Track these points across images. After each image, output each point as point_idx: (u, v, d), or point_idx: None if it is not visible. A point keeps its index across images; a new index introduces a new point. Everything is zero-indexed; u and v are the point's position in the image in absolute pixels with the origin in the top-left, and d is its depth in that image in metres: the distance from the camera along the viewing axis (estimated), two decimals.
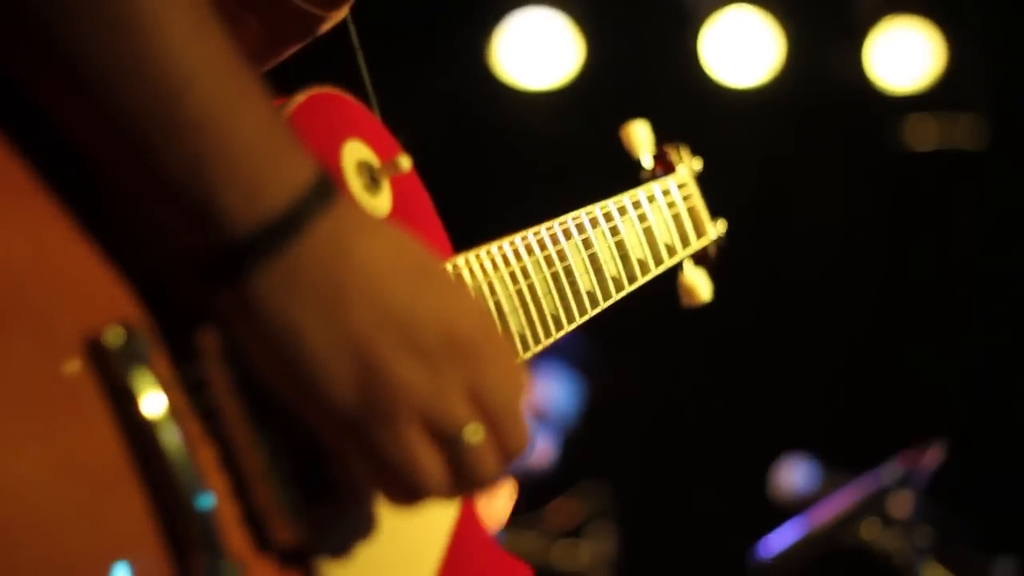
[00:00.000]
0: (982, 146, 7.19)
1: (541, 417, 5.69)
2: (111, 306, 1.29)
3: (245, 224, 1.27)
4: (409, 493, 1.34)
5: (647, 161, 2.19)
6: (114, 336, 1.26)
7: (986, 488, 6.79)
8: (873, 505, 3.60)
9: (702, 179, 2.28)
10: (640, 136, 2.19)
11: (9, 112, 1.27)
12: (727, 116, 7.12)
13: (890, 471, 3.63)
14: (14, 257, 1.23)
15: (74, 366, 1.24)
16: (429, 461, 1.33)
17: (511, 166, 7.09)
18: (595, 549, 6.96)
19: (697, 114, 7.02)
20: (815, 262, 7.24)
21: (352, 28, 1.85)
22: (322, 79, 1.63)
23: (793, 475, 4.60)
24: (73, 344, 1.24)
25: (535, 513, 6.90)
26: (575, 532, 7.03)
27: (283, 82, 1.67)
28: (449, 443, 1.33)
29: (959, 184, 7.32)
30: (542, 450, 5.78)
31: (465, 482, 1.35)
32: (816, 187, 7.36)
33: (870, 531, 3.57)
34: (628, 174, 2.20)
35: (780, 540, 3.76)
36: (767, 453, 5.14)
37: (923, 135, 7.26)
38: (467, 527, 1.62)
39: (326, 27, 1.73)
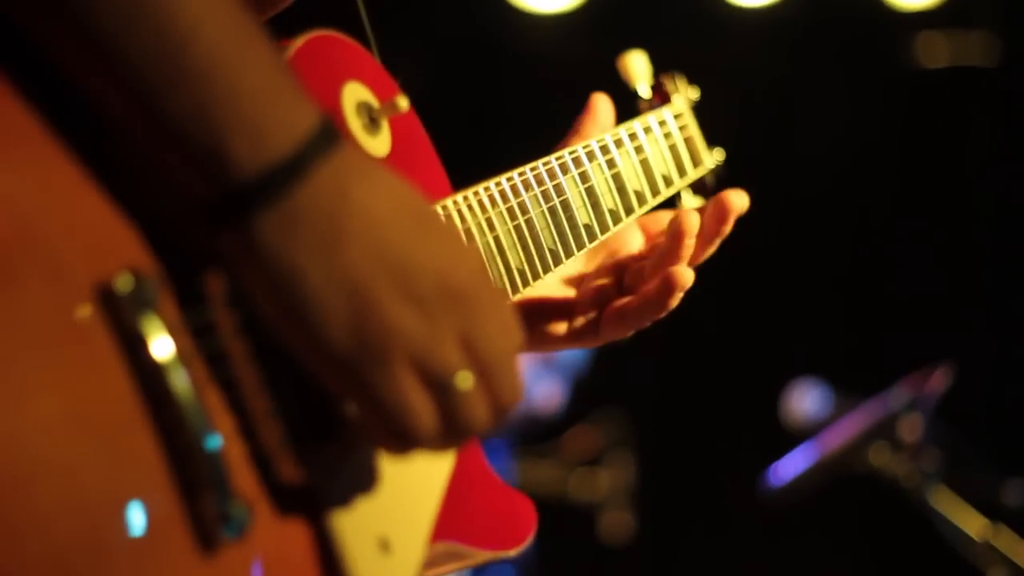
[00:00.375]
0: (994, 63, 7.16)
1: (549, 361, 5.71)
2: (121, 251, 1.32)
3: (250, 168, 1.31)
4: (401, 437, 1.37)
5: (644, 91, 2.20)
6: (124, 282, 1.30)
7: (996, 410, 6.83)
8: (881, 430, 3.63)
9: (703, 105, 2.28)
10: (637, 66, 2.19)
11: (18, 60, 1.30)
12: (738, 35, 7.12)
13: (898, 395, 3.66)
14: (27, 202, 1.26)
15: (85, 311, 1.28)
16: (420, 404, 1.36)
17: (521, 91, 7.09)
18: (613, 478, 7.01)
19: (708, 34, 7.02)
20: (826, 182, 7.23)
21: None
22: (325, 20, 1.67)
23: (805, 400, 4.62)
24: (84, 289, 1.28)
25: (553, 442, 6.94)
26: (593, 461, 7.08)
27: (286, 25, 1.71)
28: (440, 388, 1.37)
29: (971, 101, 7.30)
30: (551, 394, 5.80)
31: (455, 429, 1.39)
32: (828, 106, 7.35)
33: (879, 456, 3.60)
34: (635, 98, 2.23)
35: (790, 467, 3.80)
36: (780, 377, 5.17)
37: (934, 52, 7.22)
38: (468, 463, 1.66)
39: None
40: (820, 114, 7.36)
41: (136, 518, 1.26)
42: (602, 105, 2.11)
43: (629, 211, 2.01)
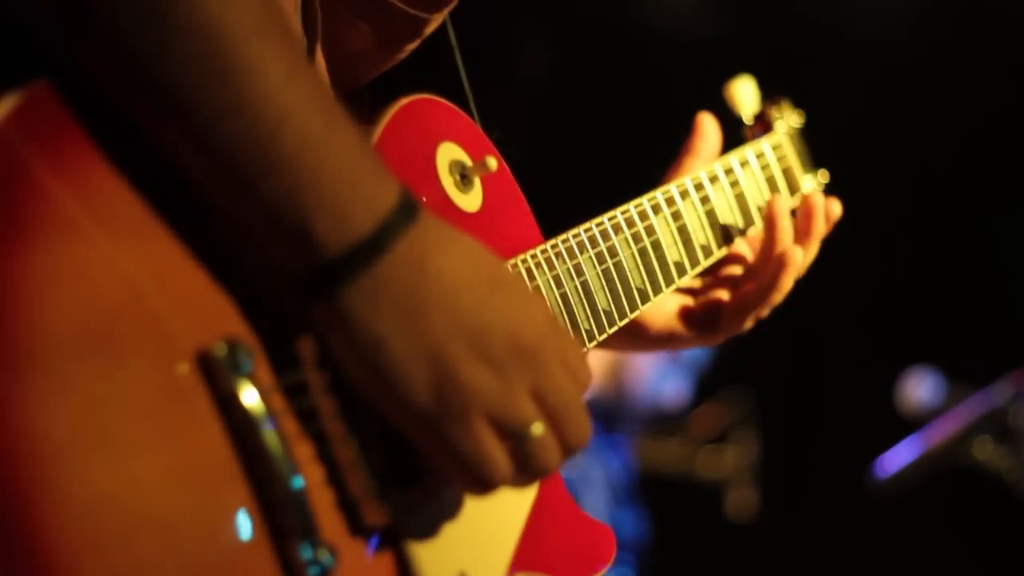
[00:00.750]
0: None
1: (675, 359, 5.83)
2: (219, 320, 1.47)
3: (335, 247, 1.45)
4: (480, 483, 1.52)
5: (748, 119, 2.33)
6: (220, 350, 1.44)
7: None
8: (986, 424, 3.69)
9: (809, 130, 2.40)
10: (742, 93, 2.32)
11: (130, 149, 1.45)
12: (866, 12, 7.12)
13: (1002, 389, 3.71)
14: (138, 277, 1.41)
15: (186, 377, 1.42)
16: (497, 454, 1.51)
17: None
18: (739, 455, 7.08)
19: (835, 12, 7.06)
20: (953, 170, 7.18)
21: (450, 27, 2.00)
22: (429, 78, 1.83)
23: (919, 388, 4.68)
24: (186, 356, 1.42)
25: (680, 420, 7.02)
26: (719, 438, 7.15)
27: (399, 80, 1.87)
28: (515, 438, 1.51)
29: None
30: (678, 391, 5.92)
31: (530, 472, 1.54)
32: (956, 90, 7.30)
33: (982, 450, 3.66)
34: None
35: (896, 459, 3.87)
36: (902, 363, 5.21)
37: None
38: (549, 495, 1.78)
39: (430, 28, 1.89)
40: (948, 96, 7.31)
41: (230, 567, 1.41)
42: (708, 126, 2.27)
43: (721, 245, 2.16)
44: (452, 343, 1.49)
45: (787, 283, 2.15)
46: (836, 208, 2.25)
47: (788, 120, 2.35)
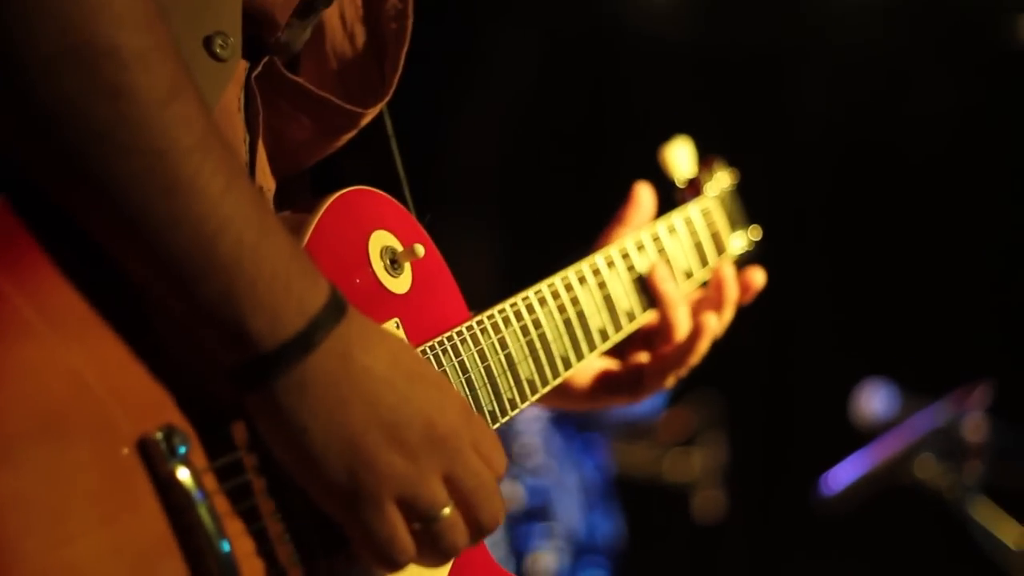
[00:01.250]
0: None
1: None
2: (159, 409, 1.62)
3: (269, 343, 1.61)
4: (388, 561, 1.68)
5: (681, 182, 2.46)
6: (158, 436, 1.59)
7: None
8: (928, 443, 3.80)
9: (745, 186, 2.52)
10: (676, 157, 2.45)
11: (80, 258, 1.59)
12: (834, 13, 7.23)
13: (943, 408, 3.81)
14: (85, 371, 1.56)
15: (129, 460, 1.57)
16: (403, 536, 1.67)
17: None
18: (706, 458, 7.15)
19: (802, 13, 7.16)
20: (917, 176, 7.21)
21: (387, 118, 2.16)
22: (366, 163, 1.96)
23: (873, 400, 4.76)
24: (128, 442, 1.57)
25: (647, 424, 7.08)
26: (687, 442, 7.22)
27: (339, 163, 2.00)
28: (424, 520, 1.67)
29: None
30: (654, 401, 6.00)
31: (438, 552, 1.70)
32: (922, 87, 7.33)
33: (924, 469, 3.77)
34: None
35: (842, 476, 3.97)
36: (859, 374, 5.31)
37: None
38: (467, 554, 1.90)
39: (366, 120, 2.04)
40: (914, 95, 7.36)
41: None
42: (643, 195, 2.42)
43: (645, 308, 2.31)
44: (369, 432, 1.64)
45: (702, 348, 2.32)
46: (758, 277, 2.42)
47: (720, 182, 2.48)
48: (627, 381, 2.39)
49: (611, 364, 2.40)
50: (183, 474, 1.59)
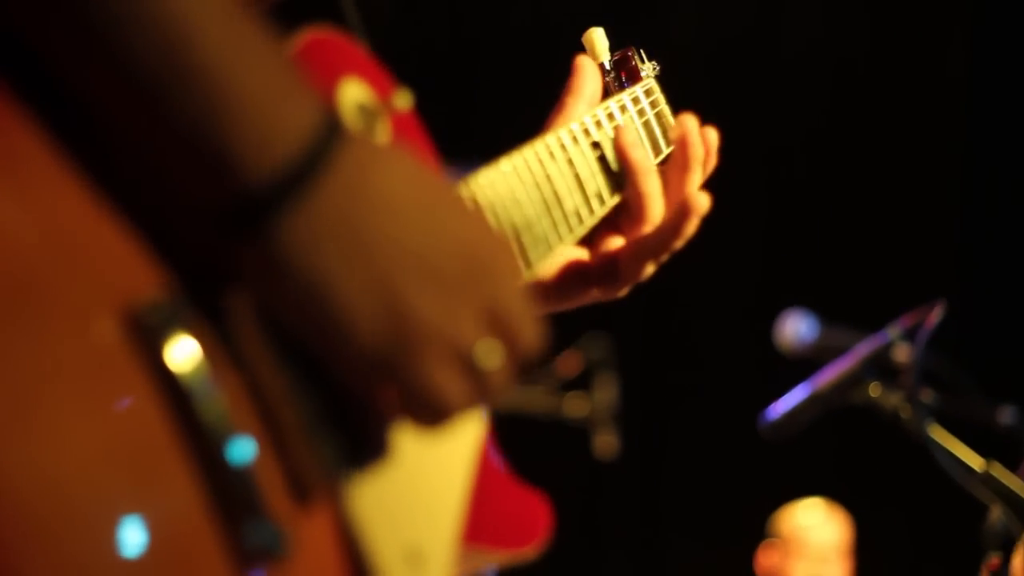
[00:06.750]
0: None
1: None
2: (144, 275, 1.31)
3: (260, 173, 1.30)
4: (436, 412, 1.40)
5: (609, 67, 2.20)
6: (149, 304, 1.29)
7: (988, 340, 6.88)
8: (877, 365, 3.65)
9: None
10: (598, 42, 2.18)
11: (23, 85, 1.28)
12: None
13: (893, 331, 3.67)
14: (51, 230, 1.26)
15: (111, 340, 1.26)
16: (452, 380, 1.38)
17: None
18: (599, 400, 7.12)
19: None
20: (817, 103, 7.23)
21: None
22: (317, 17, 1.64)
23: (794, 329, 4.68)
24: (111, 314, 1.27)
25: (544, 367, 7.04)
26: (580, 384, 7.18)
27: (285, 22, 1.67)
28: (468, 359, 1.39)
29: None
30: None
31: (487, 391, 1.42)
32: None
33: (876, 391, 3.62)
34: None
35: (787, 401, 3.81)
36: (773, 308, 5.21)
37: None
38: (486, 466, 1.66)
39: None
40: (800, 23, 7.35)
41: (168, 543, 1.26)
42: (588, 67, 2.14)
43: (613, 192, 2.02)
44: (403, 272, 1.35)
45: (690, 229, 2.00)
46: (711, 134, 2.10)
47: (648, 68, 2.22)
48: (600, 272, 2.06)
49: (581, 255, 2.08)
50: (181, 353, 1.29)
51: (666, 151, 2.17)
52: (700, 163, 2.06)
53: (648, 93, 2.18)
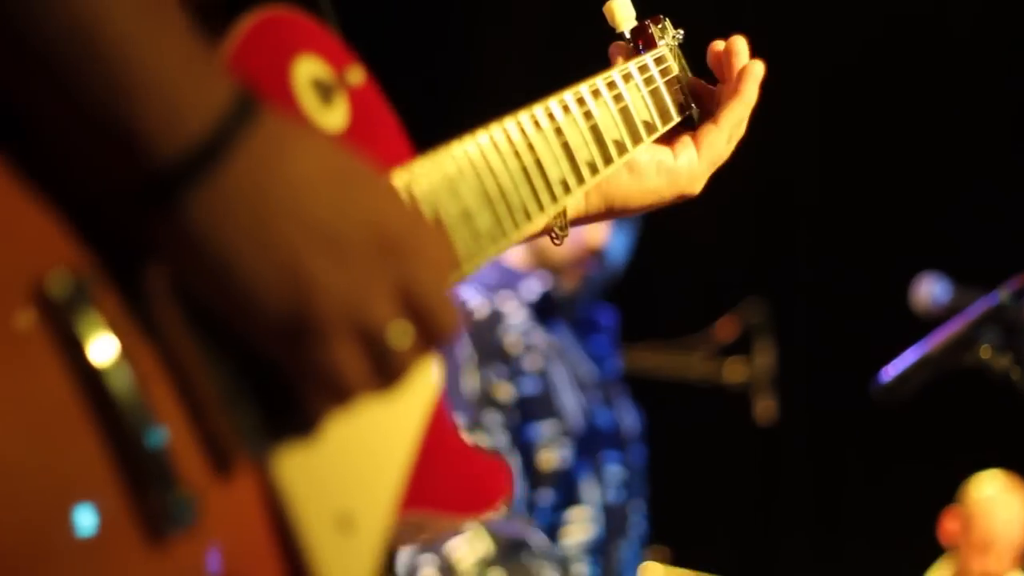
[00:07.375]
0: None
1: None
2: (54, 251, 1.34)
3: (167, 151, 1.33)
4: (338, 392, 1.42)
5: (627, 33, 2.22)
6: (59, 281, 1.31)
7: None
8: (989, 326, 3.56)
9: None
10: (621, 10, 2.21)
11: None
12: None
13: (1003, 292, 3.57)
14: None
15: (19, 314, 1.29)
16: (354, 360, 1.40)
17: None
18: (758, 365, 7.06)
19: None
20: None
21: None
22: None
23: (929, 292, 4.63)
24: (17, 293, 1.29)
25: (702, 333, 7.01)
26: (739, 349, 7.13)
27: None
28: (375, 339, 1.41)
29: None
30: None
31: (391, 371, 1.43)
32: None
33: (988, 353, 3.53)
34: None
35: (899, 365, 3.74)
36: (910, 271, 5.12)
37: None
38: (436, 430, 1.65)
39: None
40: None
41: (80, 518, 1.28)
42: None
43: (608, 161, 2.03)
44: (307, 250, 1.37)
45: (752, 91, 2.17)
46: (758, 67, 2.21)
47: (668, 36, 2.24)
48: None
49: (658, 153, 2.17)
50: (93, 328, 1.32)
51: (677, 118, 2.18)
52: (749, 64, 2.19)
53: (659, 61, 2.18)
